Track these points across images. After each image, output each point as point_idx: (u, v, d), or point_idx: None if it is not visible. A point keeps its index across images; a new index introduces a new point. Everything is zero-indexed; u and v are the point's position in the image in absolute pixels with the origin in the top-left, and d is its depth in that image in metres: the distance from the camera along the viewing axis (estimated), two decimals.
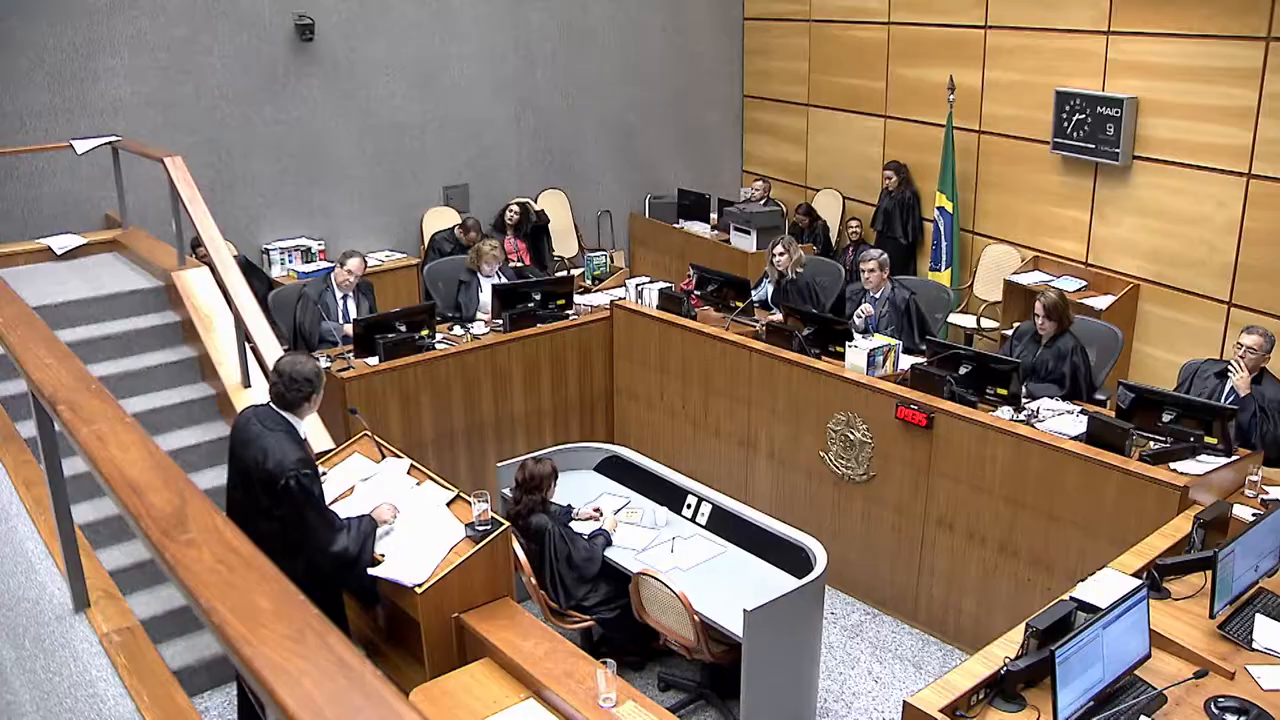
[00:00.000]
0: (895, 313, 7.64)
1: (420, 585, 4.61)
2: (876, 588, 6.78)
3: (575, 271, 10.26)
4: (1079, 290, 9.01)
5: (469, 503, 4.95)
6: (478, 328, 7.79)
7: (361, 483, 5.35)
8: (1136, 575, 4.74)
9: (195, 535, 1.90)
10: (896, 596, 6.69)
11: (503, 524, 4.89)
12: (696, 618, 5.19)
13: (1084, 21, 9.08)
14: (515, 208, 10.31)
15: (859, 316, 7.54)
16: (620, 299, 8.14)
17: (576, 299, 8.29)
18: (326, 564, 4.68)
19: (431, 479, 5.34)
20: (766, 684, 5.26)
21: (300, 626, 1.64)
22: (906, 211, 10.65)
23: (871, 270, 7.70)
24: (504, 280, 8.34)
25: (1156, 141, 8.68)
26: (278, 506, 4.58)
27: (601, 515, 6.09)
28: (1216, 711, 4.00)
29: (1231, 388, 6.15)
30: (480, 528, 4.85)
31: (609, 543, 5.86)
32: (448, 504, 5.13)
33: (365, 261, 8.05)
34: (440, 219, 10.58)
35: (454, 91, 10.73)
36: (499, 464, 6.64)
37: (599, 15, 11.56)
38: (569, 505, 6.11)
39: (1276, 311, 7.87)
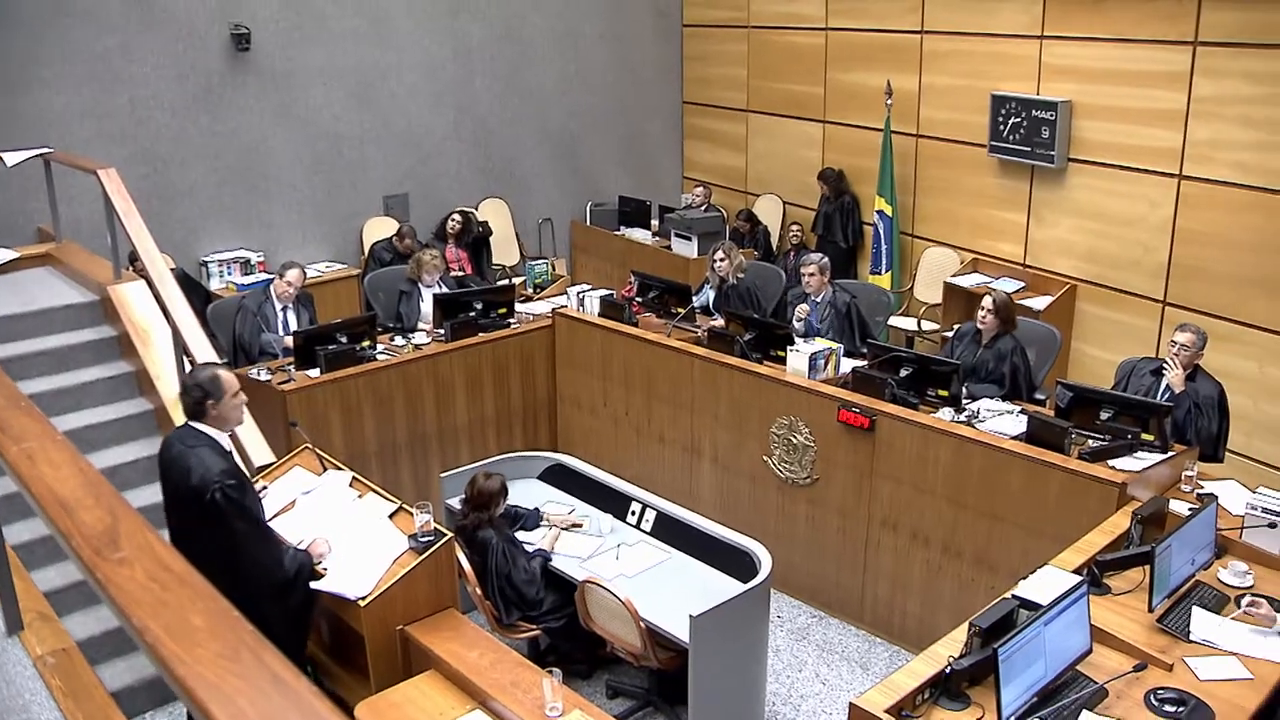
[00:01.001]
0: (836, 316, 7.67)
1: (364, 598, 4.58)
2: (822, 590, 6.81)
3: (516, 280, 10.23)
4: (1017, 291, 9.10)
5: (411, 514, 4.92)
6: (419, 338, 7.74)
7: (303, 496, 5.29)
8: (1077, 572, 4.79)
9: (127, 553, 1.87)
10: (842, 598, 6.71)
11: (446, 535, 4.86)
12: (642, 624, 5.18)
13: (1018, 26, 9.18)
14: (457, 217, 10.26)
15: (798, 319, 7.57)
16: (562, 307, 8.12)
17: (518, 307, 8.26)
18: (262, 578, 4.61)
19: (374, 491, 5.30)
20: (714, 689, 5.26)
21: (235, 644, 1.62)
22: (846, 216, 10.72)
23: (812, 275, 7.73)
24: (445, 290, 8.30)
25: (1091, 144, 8.80)
26: (208, 522, 4.51)
27: (548, 523, 6.08)
28: (1156, 703, 4.07)
29: (1167, 385, 6.24)
30: (423, 539, 4.82)
31: (548, 560, 5.84)
32: (390, 516, 5.10)
33: (305, 273, 7.99)
34: (380, 229, 10.50)
35: (393, 101, 10.67)
36: (443, 474, 6.61)
37: (538, 24, 11.54)
38: (536, 509, 6.10)
39: (1209, 310, 8.00)
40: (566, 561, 5.85)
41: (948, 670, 4.05)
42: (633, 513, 6.26)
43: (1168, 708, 4.03)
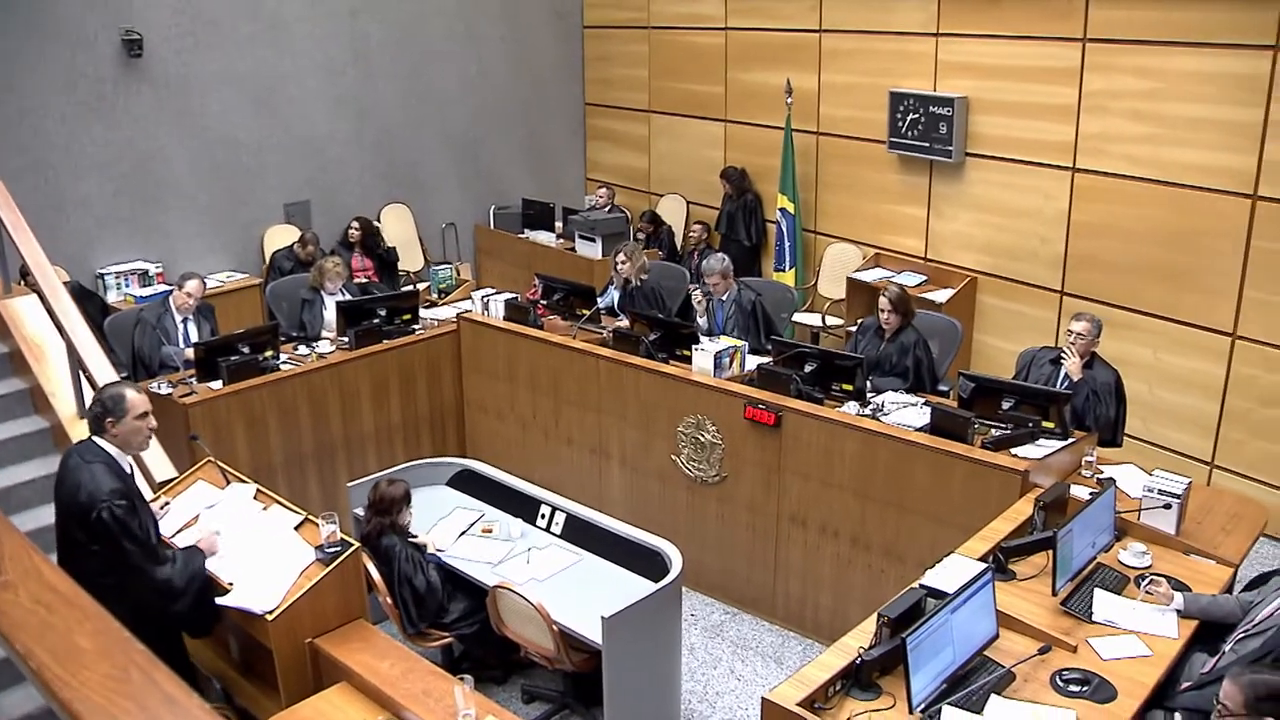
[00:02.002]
0: (742, 314, 7.72)
1: (271, 612, 4.50)
2: (734, 587, 6.83)
3: (421, 286, 10.14)
4: (919, 285, 9.23)
5: (318, 525, 4.85)
6: (323, 346, 7.65)
7: (206, 511, 5.18)
8: (982, 559, 4.87)
9: (11, 576, 1.82)
10: (754, 594, 6.75)
11: (352, 545, 4.80)
12: (555, 628, 5.18)
13: (914, 24, 9.31)
14: (356, 224, 10.16)
15: (698, 304, 7.65)
16: (467, 312, 8.07)
17: (423, 313, 8.20)
18: (152, 598, 4.52)
19: (279, 503, 5.21)
20: (629, 689, 5.26)
21: (124, 665, 1.58)
22: (749, 214, 10.78)
23: (715, 283, 7.79)
24: (348, 297, 8.21)
25: (987, 139, 8.95)
26: (95, 540, 4.41)
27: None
28: (1062, 684, 4.18)
29: (1065, 373, 6.37)
30: (329, 550, 4.75)
31: (439, 564, 5.81)
32: (296, 527, 5.01)
33: (204, 283, 7.87)
34: (282, 237, 10.34)
35: (292, 106, 10.51)
36: (350, 484, 6.54)
37: (438, 27, 11.44)
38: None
39: (1105, 299, 8.18)
40: (477, 567, 5.81)
41: (858, 661, 4.09)
42: (542, 516, 6.24)
43: (1073, 687, 4.15)
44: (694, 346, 6.86)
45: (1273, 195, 7.20)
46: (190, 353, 7.24)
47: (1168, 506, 5.17)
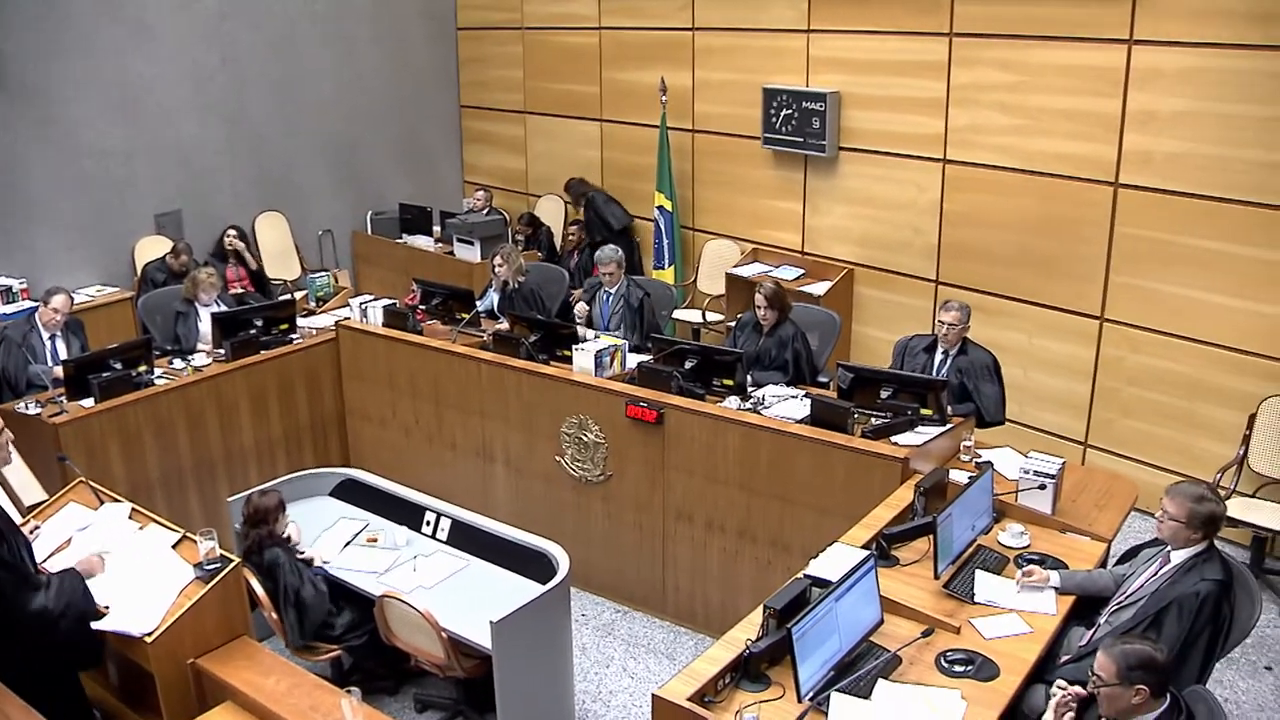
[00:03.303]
0: (629, 311, 7.76)
1: (150, 634, 4.38)
2: (624, 585, 6.82)
3: (298, 294, 9.96)
4: (797, 278, 9.31)
5: (196, 542, 4.73)
6: (199, 359, 7.49)
7: (79, 533, 5.02)
8: (865, 547, 4.93)
9: None
10: (644, 592, 6.74)
11: (232, 560, 4.69)
12: (444, 635, 5.12)
13: (785, 21, 9.39)
14: (233, 232, 9.95)
15: (580, 315, 7.64)
16: (345, 319, 7.95)
17: (300, 322, 8.08)
18: (30, 628, 4.33)
19: (156, 521, 5.09)
20: (522, 693, 5.22)
21: None
22: (598, 211, 10.80)
23: (611, 272, 7.83)
24: (224, 308, 8.04)
25: (859, 132, 9.06)
26: None
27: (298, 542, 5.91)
28: (946, 664, 4.24)
29: (940, 359, 6.49)
30: (209, 566, 4.65)
31: (325, 575, 5.71)
32: (174, 546, 4.89)
33: (72, 298, 7.68)
34: (153, 248, 10.03)
35: (160, 114, 10.20)
36: (230, 498, 6.37)
37: (309, 31, 11.24)
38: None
39: (979, 286, 8.35)
40: (363, 577, 5.71)
41: (746, 653, 4.11)
42: (427, 523, 6.16)
43: (957, 668, 4.22)
44: (574, 347, 6.84)
45: (1133, 183, 7.42)
46: (59, 370, 7.03)
47: (1043, 487, 5.28)
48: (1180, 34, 7.05)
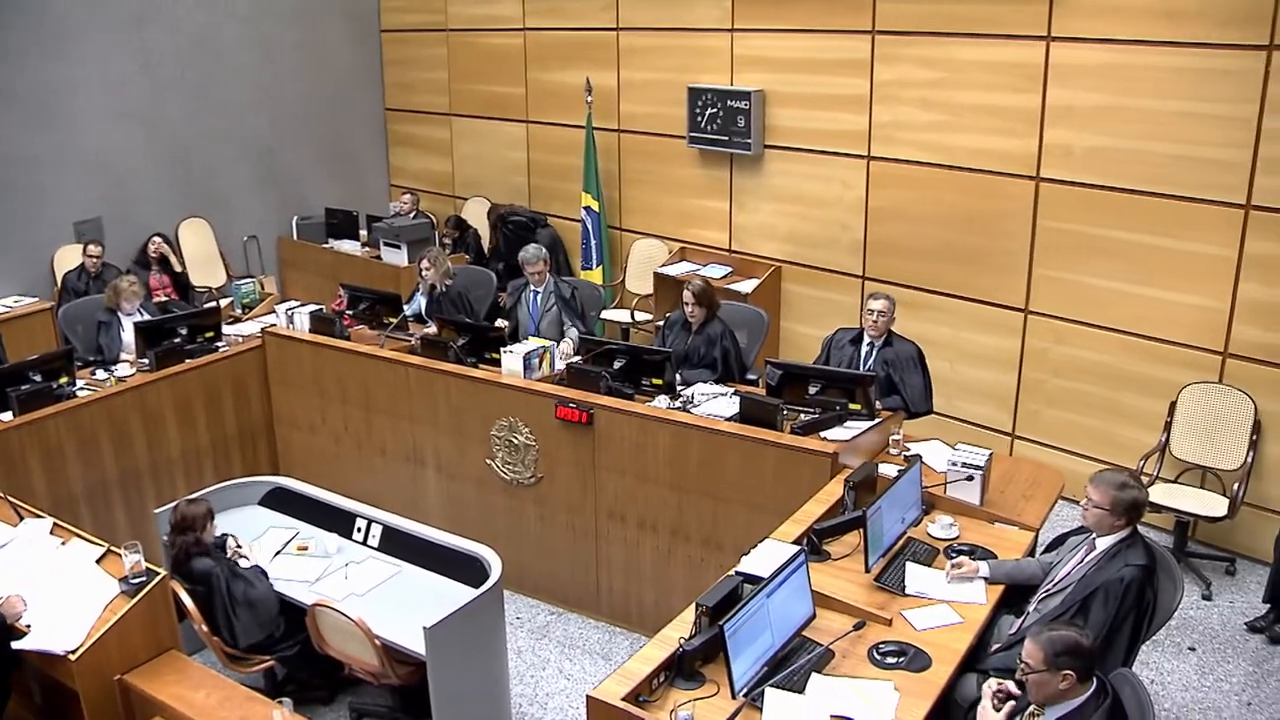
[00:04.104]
0: (563, 304, 7.81)
1: (74, 651, 4.30)
2: (558, 587, 6.80)
3: (223, 301, 9.82)
4: (725, 276, 9.34)
5: (120, 556, 4.64)
6: (122, 369, 7.33)
7: None
8: (796, 542, 4.94)
9: None
10: (578, 593, 6.72)
11: (159, 573, 4.62)
12: (378, 642, 5.06)
13: (709, 21, 9.42)
14: (158, 239, 9.79)
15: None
16: (271, 325, 7.84)
17: (226, 329, 7.95)
18: None
19: (79, 536, 5.00)
20: (457, 697, 5.18)
21: None
22: (496, 230, 10.96)
23: (539, 270, 7.84)
24: (147, 317, 7.90)
25: (784, 130, 9.11)
26: None
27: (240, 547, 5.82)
28: (879, 656, 4.27)
29: (867, 351, 6.55)
30: (134, 580, 4.59)
31: (266, 573, 5.63)
32: (98, 560, 4.82)
33: None
34: (73, 257, 9.83)
35: (76, 119, 10.01)
36: (157, 510, 6.25)
37: (230, 34, 11.08)
38: (224, 535, 5.81)
39: (905, 281, 8.43)
40: (294, 586, 5.64)
41: (679, 652, 4.10)
42: (358, 530, 6.09)
43: (890, 659, 4.24)
44: (502, 349, 6.81)
45: (1054, 176, 7.53)
46: None
47: (971, 479, 5.33)
48: (1096, 31, 7.17)
